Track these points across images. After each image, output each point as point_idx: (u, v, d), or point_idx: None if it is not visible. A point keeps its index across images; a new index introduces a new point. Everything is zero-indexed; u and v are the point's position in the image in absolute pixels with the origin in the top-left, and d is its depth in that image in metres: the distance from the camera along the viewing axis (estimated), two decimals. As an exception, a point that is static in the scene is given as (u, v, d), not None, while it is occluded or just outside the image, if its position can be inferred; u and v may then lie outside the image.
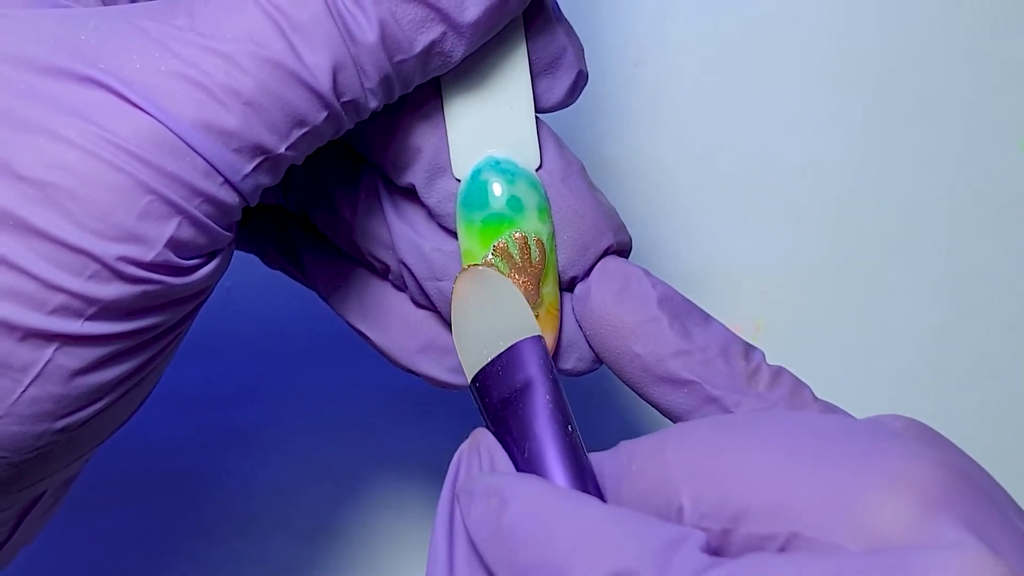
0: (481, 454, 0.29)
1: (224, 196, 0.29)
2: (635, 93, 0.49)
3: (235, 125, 0.28)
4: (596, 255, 0.34)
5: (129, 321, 0.29)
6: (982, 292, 0.50)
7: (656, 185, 0.49)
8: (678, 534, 0.25)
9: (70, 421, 0.29)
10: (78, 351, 0.28)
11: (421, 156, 0.32)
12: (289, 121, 0.29)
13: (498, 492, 0.27)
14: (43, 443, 0.29)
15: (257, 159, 0.29)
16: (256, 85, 0.28)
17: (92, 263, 0.28)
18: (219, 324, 0.49)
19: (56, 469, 0.31)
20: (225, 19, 0.28)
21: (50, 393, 0.29)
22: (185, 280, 0.29)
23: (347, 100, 0.30)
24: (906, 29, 0.50)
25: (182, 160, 0.28)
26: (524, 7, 0.31)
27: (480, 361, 0.31)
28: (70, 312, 0.28)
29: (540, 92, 0.33)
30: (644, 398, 0.33)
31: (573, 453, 0.29)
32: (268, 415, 0.49)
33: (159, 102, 0.28)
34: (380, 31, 0.29)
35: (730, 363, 0.32)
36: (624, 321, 0.33)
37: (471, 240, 0.33)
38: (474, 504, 0.28)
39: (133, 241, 0.28)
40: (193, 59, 0.28)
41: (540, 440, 0.29)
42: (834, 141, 0.50)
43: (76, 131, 0.27)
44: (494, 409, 0.30)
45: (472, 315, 0.32)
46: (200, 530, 0.49)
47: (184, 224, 0.28)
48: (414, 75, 0.30)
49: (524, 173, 0.33)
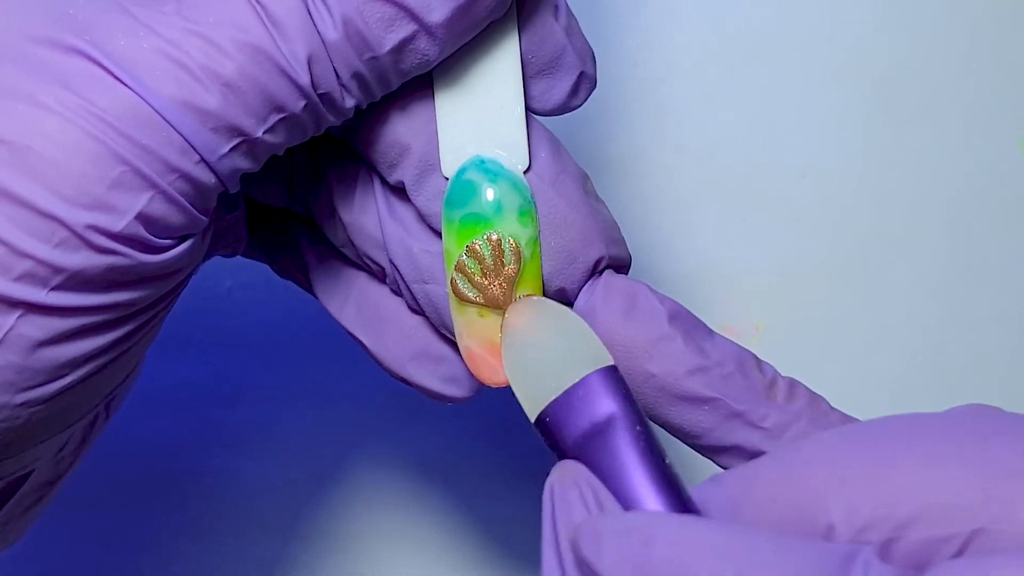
0: (582, 489, 0.27)
1: (199, 175, 0.29)
2: (635, 93, 0.49)
3: (213, 105, 0.29)
4: (585, 267, 0.33)
5: (97, 294, 0.29)
6: (981, 292, 0.50)
7: (656, 185, 0.49)
8: (848, 550, 0.24)
9: (31, 396, 0.29)
10: (42, 321, 0.28)
11: (411, 153, 0.32)
12: (267, 105, 0.29)
13: (637, 531, 0.25)
14: (2, 417, 0.29)
15: (234, 140, 0.29)
16: (236, 68, 0.29)
17: (61, 229, 0.28)
18: (219, 324, 0.49)
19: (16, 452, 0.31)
20: (210, 4, 0.29)
21: (11, 363, 0.28)
22: (155, 258, 0.29)
23: (323, 92, 0.30)
24: (906, 29, 0.50)
25: (158, 134, 0.28)
26: (500, 11, 0.31)
27: (549, 393, 0.29)
28: (35, 280, 0.28)
29: (537, 93, 0.33)
30: (656, 419, 0.32)
31: (676, 487, 0.27)
32: (268, 415, 0.49)
33: (140, 76, 0.28)
34: (344, 28, 0.29)
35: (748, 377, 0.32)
36: (636, 340, 0.32)
37: (450, 239, 0.32)
38: (605, 548, 0.25)
39: (103, 210, 0.28)
40: (176, 40, 0.29)
41: (637, 476, 0.27)
42: (834, 141, 0.50)
43: (55, 98, 0.28)
44: (575, 443, 0.28)
45: (533, 346, 0.30)
46: (199, 530, 0.49)
47: (157, 199, 0.29)
48: (389, 73, 0.30)
49: (508, 174, 0.32)
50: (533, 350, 0.30)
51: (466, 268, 0.32)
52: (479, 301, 0.32)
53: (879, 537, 0.25)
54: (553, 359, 0.30)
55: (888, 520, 0.25)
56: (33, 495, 0.34)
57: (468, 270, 0.32)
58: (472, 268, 0.32)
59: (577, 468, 0.28)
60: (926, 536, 0.25)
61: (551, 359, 0.30)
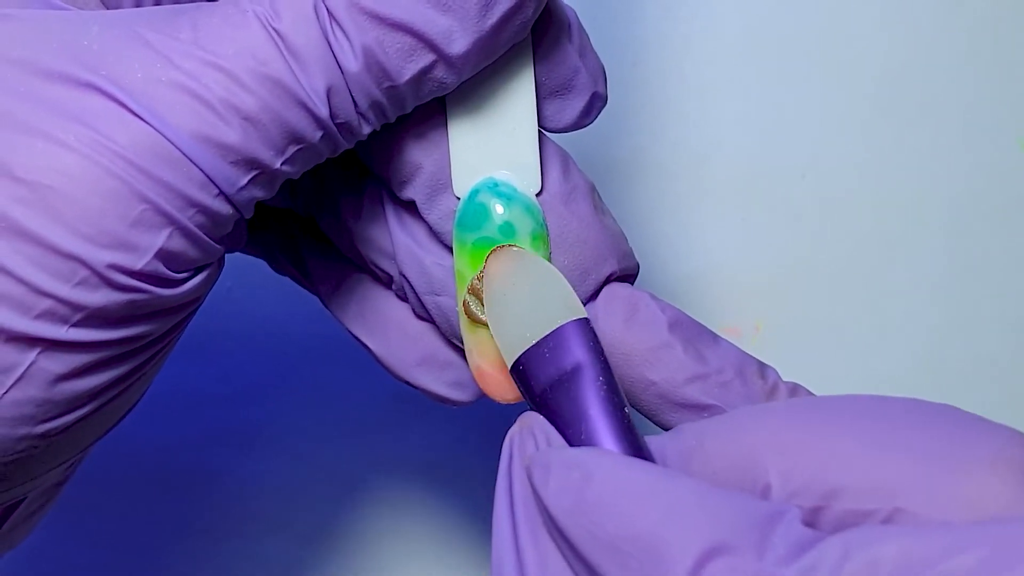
0: (536, 435, 0.28)
1: (218, 207, 0.29)
2: (635, 93, 0.49)
3: (233, 139, 0.28)
4: (597, 282, 0.33)
5: (115, 329, 0.29)
6: (982, 292, 0.50)
7: (656, 185, 0.49)
8: (774, 509, 0.25)
9: (51, 427, 0.29)
10: (62, 356, 0.28)
11: (422, 172, 0.32)
12: (286, 138, 0.29)
13: (580, 465, 0.26)
14: (23, 447, 0.29)
15: (253, 172, 0.29)
16: (256, 102, 0.28)
17: (81, 269, 0.28)
18: (219, 324, 0.49)
19: (36, 475, 0.31)
20: (228, 34, 0.28)
21: (32, 397, 0.28)
22: (172, 292, 0.29)
23: (341, 122, 0.30)
24: (906, 29, 0.50)
25: (178, 170, 0.28)
26: (519, 38, 0.31)
27: (524, 343, 0.30)
28: (56, 317, 0.28)
29: (550, 114, 0.33)
30: (660, 424, 0.32)
31: (631, 435, 0.28)
32: (268, 415, 0.49)
33: (159, 112, 0.28)
34: (364, 59, 0.29)
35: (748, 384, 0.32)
36: (636, 348, 0.32)
37: (462, 261, 0.32)
38: (552, 476, 0.27)
39: (124, 249, 0.28)
40: (194, 72, 0.28)
41: (596, 422, 0.28)
42: (834, 141, 0.50)
43: (74, 136, 0.27)
44: (542, 391, 0.29)
45: (511, 296, 0.31)
46: (200, 530, 0.49)
47: (175, 235, 0.28)
48: (407, 100, 0.30)
49: (522, 198, 0.32)
50: (511, 300, 0.31)
51: (479, 291, 0.32)
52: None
53: (809, 503, 0.26)
54: (527, 310, 0.30)
55: (817, 488, 0.26)
56: (39, 500, 0.34)
57: (482, 293, 0.32)
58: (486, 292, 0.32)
59: (536, 418, 0.29)
60: (850, 508, 0.26)
61: (525, 310, 0.30)
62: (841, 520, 0.26)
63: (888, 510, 0.25)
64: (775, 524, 0.25)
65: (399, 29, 0.29)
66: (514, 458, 0.28)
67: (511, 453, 0.28)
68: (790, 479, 0.26)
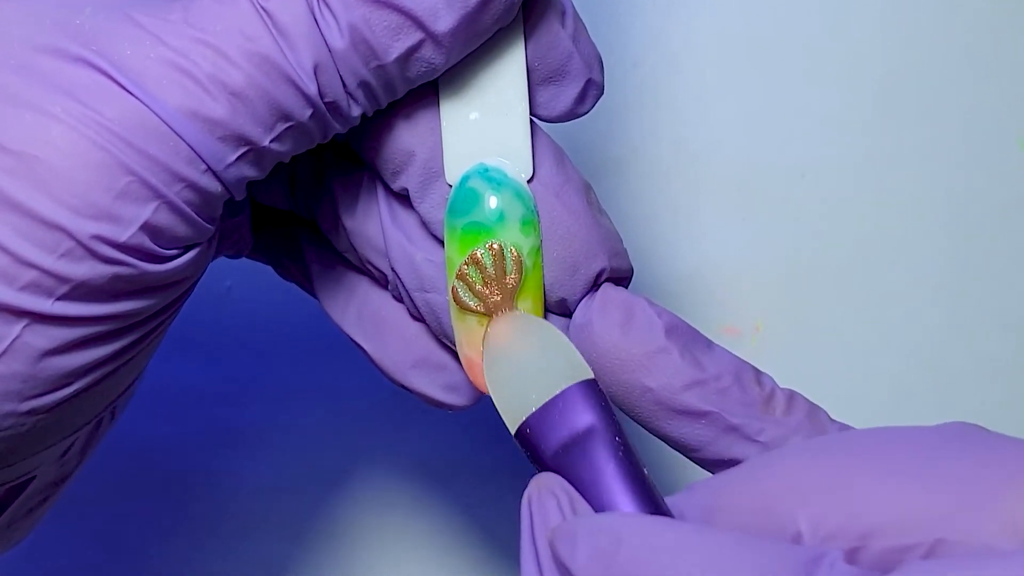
0: (558, 497, 0.28)
1: (206, 184, 0.29)
2: (635, 93, 0.49)
3: (221, 114, 0.29)
4: (587, 279, 0.33)
5: (102, 304, 0.29)
6: (982, 292, 0.50)
7: (656, 185, 0.49)
8: (815, 552, 0.24)
9: (37, 404, 0.29)
10: (48, 331, 0.28)
11: (415, 160, 0.32)
12: (274, 114, 0.29)
13: (607, 530, 0.26)
14: (7, 424, 0.29)
15: (241, 149, 0.29)
16: (243, 77, 0.29)
17: (66, 240, 0.28)
18: (219, 323, 0.49)
19: (22, 457, 0.31)
20: (217, 12, 0.29)
21: (16, 372, 0.28)
22: (160, 268, 0.29)
23: (330, 101, 0.30)
24: (906, 29, 0.50)
25: (165, 144, 0.28)
26: (507, 18, 0.31)
27: (529, 406, 0.29)
28: (41, 290, 0.28)
29: (543, 101, 0.32)
30: (655, 432, 0.32)
31: (653, 495, 0.28)
32: (267, 415, 0.49)
33: (147, 86, 0.28)
34: (351, 37, 0.29)
35: (745, 390, 0.32)
36: (632, 353, 0.32)
37: (452, 247, 0.32)
38: (579, 547, 0.26)
39: (108, 220, 0.28)
40: (183, 49, 0.29)
41: (616, 484, 0.28)
42: (833, 141, 0.50)
43: (62, 108, 0.28)
44: (553, 455, 0.29)
45: (514, 358, 0.31)
46: (199, 530, 0.49)
47: (162, 209, 0.29)
48: (396, 82, 0.30)
49: (512, 183, 0.32)
50: (513, 363, 0.31)
51: (467, 277, 0.32)
52: (480, 310, 0.32)
53: (844, 545, 0.25)
54: (533, 372, 0.30)
55: (851, 530, 0.25)
56: (38, 496, 0.34)
57: (469, 279, 0.32)
58: (473, 277, 0.32)
59: (554, 479, 0.28)
60: (890, 545, 0.25)
61: (531, 372, 0.30)
62: (880, 558, 0.25)
63: (930, 542, 0.25)
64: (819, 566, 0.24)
65: (385, 7, 0.29)
66: (536, 523, 0.28)
67: (531, 515, 0.28)
68: (821, 524, 0.26)
